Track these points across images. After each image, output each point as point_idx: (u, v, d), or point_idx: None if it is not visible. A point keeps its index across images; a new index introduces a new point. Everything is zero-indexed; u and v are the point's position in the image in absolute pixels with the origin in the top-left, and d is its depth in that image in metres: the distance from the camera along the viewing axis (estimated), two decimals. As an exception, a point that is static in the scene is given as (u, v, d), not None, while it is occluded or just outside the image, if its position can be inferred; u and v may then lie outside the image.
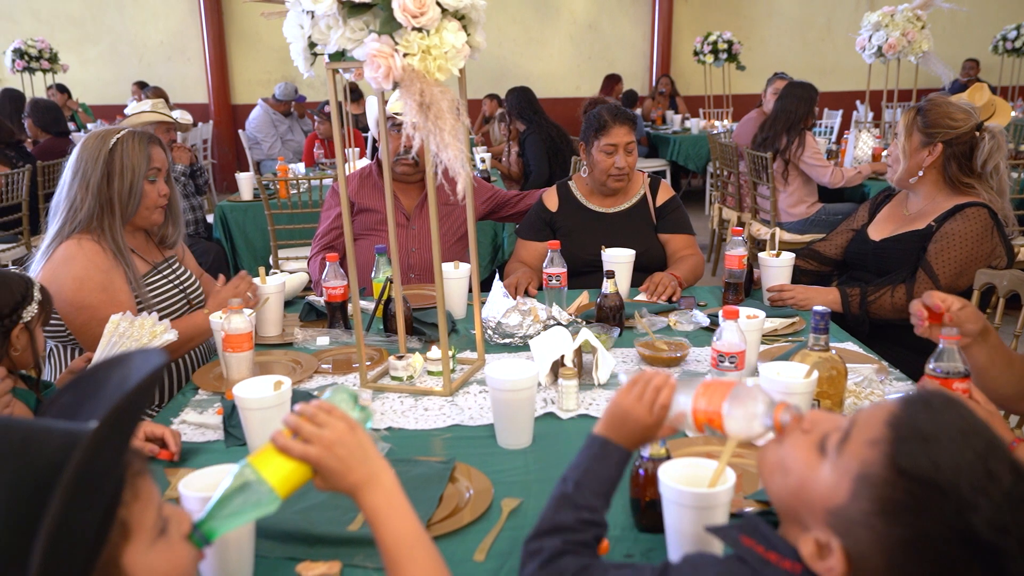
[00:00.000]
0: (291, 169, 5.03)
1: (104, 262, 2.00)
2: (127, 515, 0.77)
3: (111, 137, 2.04)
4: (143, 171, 2.06)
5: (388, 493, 0.96)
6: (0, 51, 8.79)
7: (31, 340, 1.72)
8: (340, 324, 2.22)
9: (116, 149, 2.03)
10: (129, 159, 2.03)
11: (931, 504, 0.78)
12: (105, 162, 2.02)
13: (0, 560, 0.67)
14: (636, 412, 1.07)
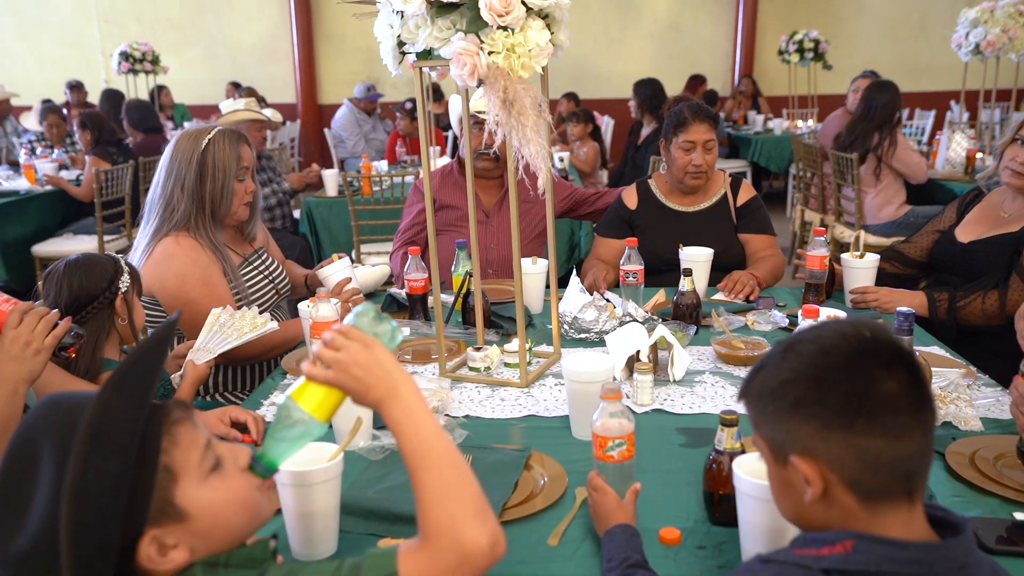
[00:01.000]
0: (374, 167, 5.17)
1: (202, 258, 2.11)
2: (169, 461, 0.86)
3: (203, 138, 2.15)
4: (233, 171, 2.16)
5: (407, 405, 0.95)
6: (107, 54, 9.32)
7: (130, 312, 1.85)
8: (420, 316, 2.28)
9: (208, 150, 2.13)
10: (221, 160, 2.14)
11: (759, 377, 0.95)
12: (199, 163, 2.13)
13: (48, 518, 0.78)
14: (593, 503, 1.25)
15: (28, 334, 1.38)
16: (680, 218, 2.70)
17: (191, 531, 0.87)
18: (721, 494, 1.25)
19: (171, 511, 0.86)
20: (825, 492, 0.90)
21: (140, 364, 0.86)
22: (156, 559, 0.84)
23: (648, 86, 5.70)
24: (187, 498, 0.87)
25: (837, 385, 0.88)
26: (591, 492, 1.25)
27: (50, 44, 9.90)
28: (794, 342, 0.93)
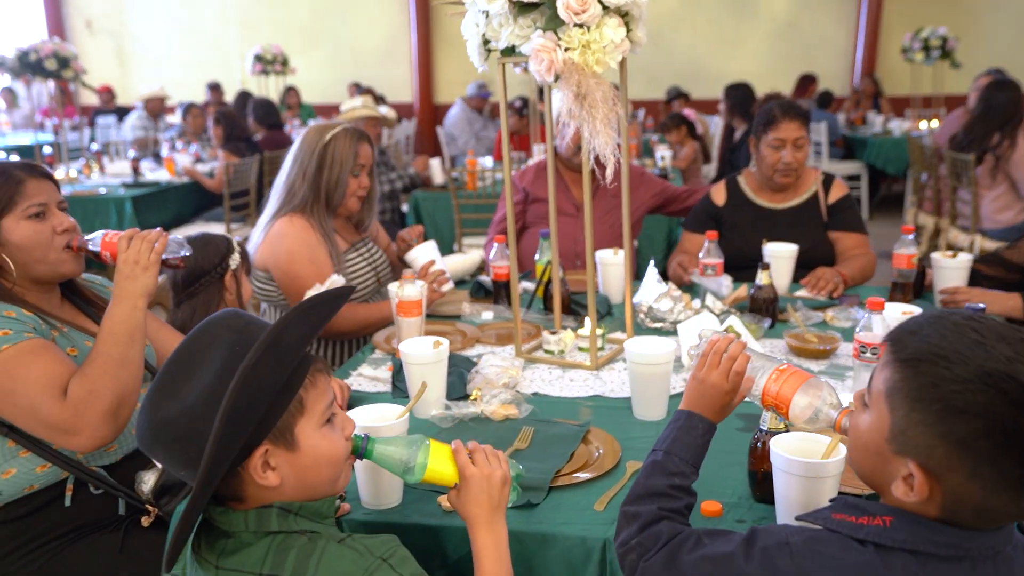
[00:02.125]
0: (479, 162, 5.34)
1: (312, 238, 2.31)
2: (304, 396, 1.01)
3: (328, 132, 2.34)
4: (349, 166, 2.34)
5: (497, 540, 1.11)
6: (244, 57, 9.99)
7: (238, 287, 2.05)
8: (504, 301, 2.39)
9: (330, 144, 2.33)
10: (339, 154, 2.32)
11: (941, 371, 0.84)
12: (319, 154, 2.32)
13: (203, 397, 0.94)
14: (712, 379, 1.16)
15: (136, 254, 1.55)
16: (768, 215, 2.70)
17: (291, 463, 1.01)
18: (764, 472, 1.29)
19: (288, 437, 1.00)
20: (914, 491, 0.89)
21: (320, 303, 1.04)
22: (258, 471, 0.99)
23: (738, 89, 5.63)
24: (303, 433, 1.01)
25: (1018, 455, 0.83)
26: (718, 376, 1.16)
27: (195, 48, 10.68)
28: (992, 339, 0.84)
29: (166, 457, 0.99)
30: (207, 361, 0.96)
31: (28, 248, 1.53)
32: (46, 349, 1.44)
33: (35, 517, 1.46)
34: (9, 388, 1.40)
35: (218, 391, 0.93)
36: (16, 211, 1.52)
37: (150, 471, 1.56)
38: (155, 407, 0.96)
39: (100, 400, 1.42)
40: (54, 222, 1.56)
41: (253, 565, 0.99)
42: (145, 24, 10.78)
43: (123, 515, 1.55)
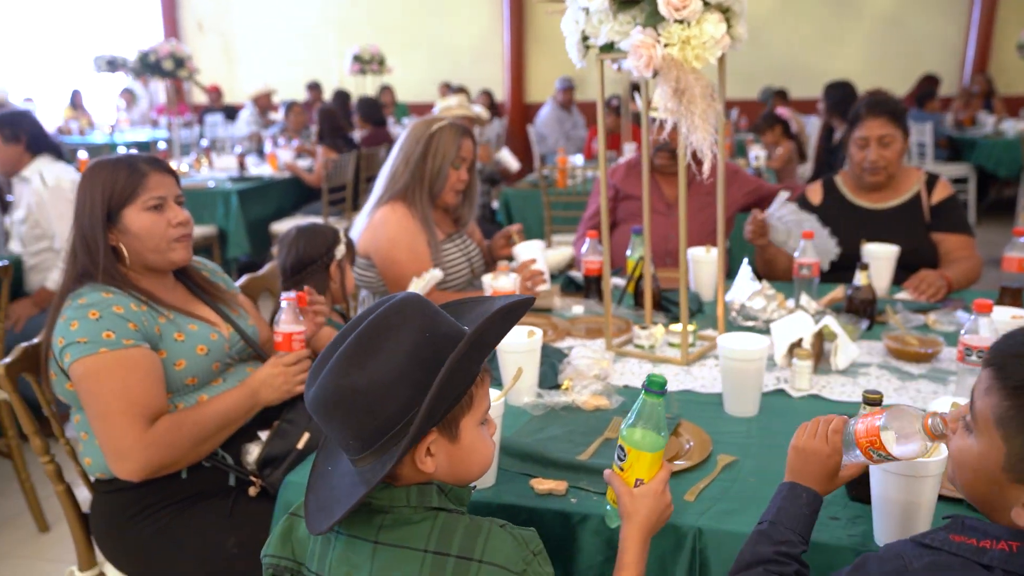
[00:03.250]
0: (569, 160, 5.36)
1: (412, 226, 2.39)
2: (474, 392, 1.06)
3: (435, 124, 2.43)
4: (451, 158, 2.42)
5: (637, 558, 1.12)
6: (342, 56, 10.30)
7: (342, 277, 2.14)
8: (595, 296, 2.42)
9: (436, 135, 2.42)
10: (443, 145, 2.41)
11: None
12: (425, 143, 2.41)
13: (387, 372, 0.98)
14: (811, 445, 1.14)
15: (291, 375, 1.67)
16: (866, 215, 2.63)
17: (449, 453, 1.05)
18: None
19: (453, 429, 1.05)
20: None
21: (518, 306, 1.08)
22: (421, 455, 1.03)
23: (838, 89, 5.45)
24: (466, 427, 1.06)
25: None
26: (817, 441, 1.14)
27: (296, 48, 11.07)
28: None
29: (340, 423, 1.00)
30: (398, 340, 0.99)
31: (144, 238, 1.64)
32: (139, 367, 1.53)
33: (158, 484, 1.58)
34: (95, 390, 1.51)
35: (407, 371, 0.98)
36: (137, 202, 1.63)
37: (254, 444, 1.66)
38: (343, 373, 0.98)
39: (168, 454, 1.53)
40: (170, 215, 1.66)
41: (417, 541, 1.01)
42: (250, 25, 11.25)
43: (232, 486, 1.65)
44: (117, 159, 1.65)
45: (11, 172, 3.26)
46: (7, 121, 3.16)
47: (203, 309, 1.76)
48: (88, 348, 1.51)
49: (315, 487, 1.09)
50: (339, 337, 1.03)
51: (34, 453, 1.74)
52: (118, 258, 1.65)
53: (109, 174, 1.62)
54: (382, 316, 1.01)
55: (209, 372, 1.67)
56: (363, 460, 1.01)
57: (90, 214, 1.62)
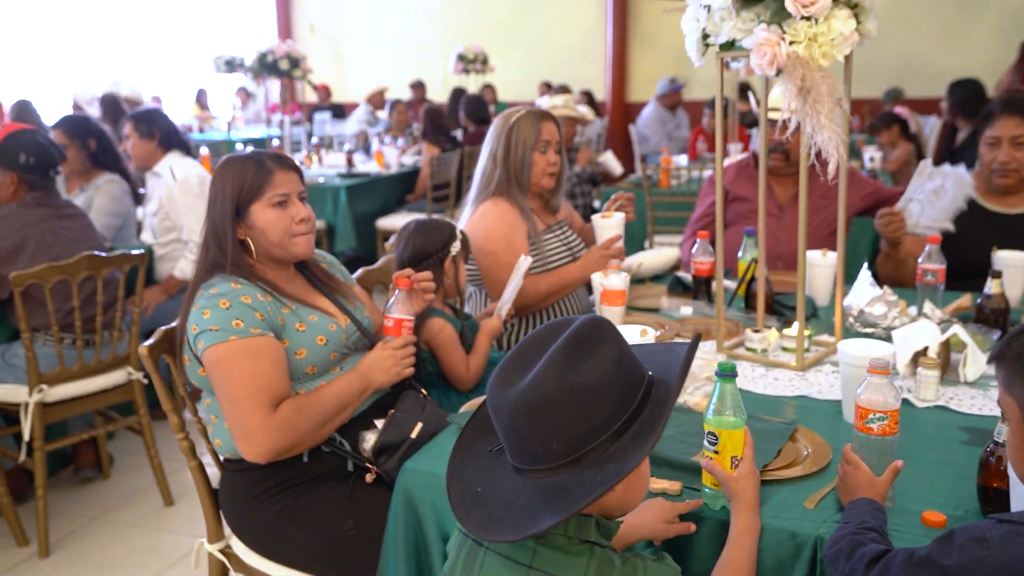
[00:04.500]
0: (673, 160, 5.30)
1: (512, 218, 2.42)
2: None
3: (512, 117, 2.46)
4: (532, 143, 2.44)
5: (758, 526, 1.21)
6: (445, 56, 10.48)
7: (456, 272, 2.19)
8: (704, 297, 2.39)
9: (514, 126, 2.44)
10: (523, 134, 2.43)
11: None
12: (506, 137, 2.44)
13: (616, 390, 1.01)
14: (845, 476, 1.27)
15: (399, 358, 1.73)
16: (998, 220, 2.49)
17: (625, 481, 1.01)
18: (996, 488, 1.22)
19: None
20: None
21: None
22: None
23: (965, 88, 5.15)
24: None
25: None
26: (842, 464, 1.28)
27: (401, 48, 11.34)
28: None
29: (552, 423, 0.98)
30: (606, 348, 1.01)
31: (268, 232, 1.72)
32: (265, 355, 1.61)
33: (281, 466, 1.66)
34: (225, 376, 1.59)
35: (616, 378, 1.01)
36: (263, 198, 1.71)
37: (371, 431, 1.72)
38: (560, 372, 0.99)
39: (291, 437, 1.60)
40: (293, 211, 1.74)
41: (573, 572, 1.01)
42: (358, 28, 11.58)
43: (350, 471, 1.71)
44: (246, 157, 1.74)
45: (145, 167, 3.47)
46: (143, 118, 3.38)
47: (322, 300, 1.83)
48: (219, 336, 1.60)
49: (474, 497, 1.06)
50: (528, 346, 1.05)
51: (162, 432, 1.85)
52: (245, 251, 1.74)
53: (238, 171, 1.71)
54: (587, 325, 1.03)
55: (328, 361, 1.74)
56: (560, 469, 1.00)
57: (220, 209, 1.71)
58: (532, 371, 1.01)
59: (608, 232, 2.46)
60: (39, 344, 2.61)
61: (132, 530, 2.74)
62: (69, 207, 2.82)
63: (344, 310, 1.84)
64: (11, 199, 2.70)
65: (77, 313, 2.58)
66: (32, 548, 2.60)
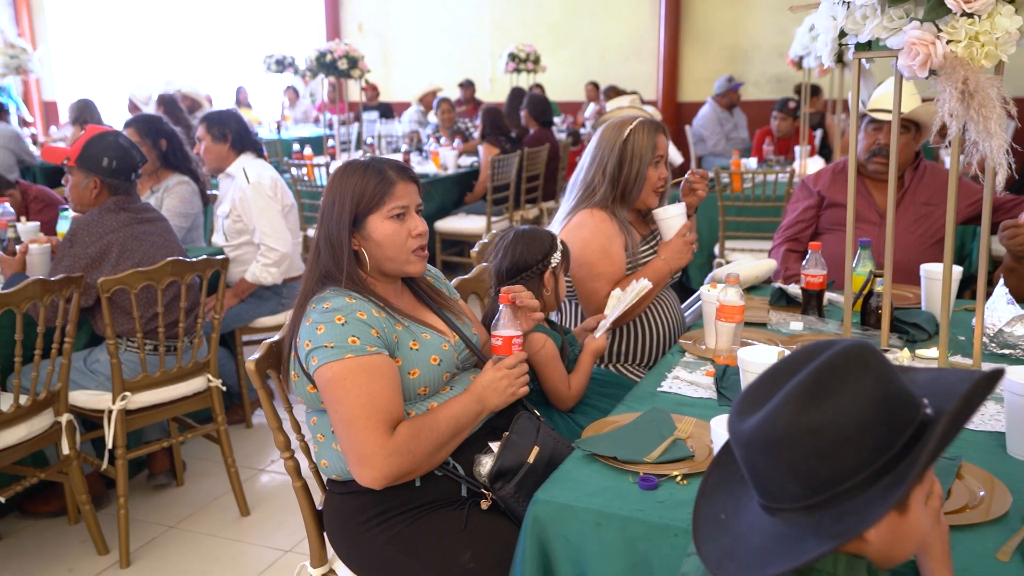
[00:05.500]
0: (743, 163, 5.14)
1: (609, 229, 2.31)
2: None
3: (625, 128, 2.34)
4: (648, 158, 2.32)
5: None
6: (494, 55, 10.40)
7: (556, 284, 2.08)
8: (814, 311, 2.25)
9: (628, 139, 2.32)
10: (638, 147, 2.31)
11: None
12: (619, 151, 2.32)
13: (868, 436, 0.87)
14: None
15: (513, 377, 1.64)
16: None
17: (893, 527, 0.92)
18: None
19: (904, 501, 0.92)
20: None
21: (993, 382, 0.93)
22: None
23: None
24: (915, 499, 0.93)
25: None
26: None
27: (451, 47, 11.28)
28: None
29: (785, 463, 0.90)
30: (860, 385, 0.89)
31: (385, 246, 1.64)
32: (382, 375, 1.52)
33: (392, 491, 1.56)
34: (340, 396, 1.50)
35: (871, 422, 0.87)
36: (383, 210, 1.63)
37: (486, 455, 1.62)
38: (799, 410, 0.88)
39: (408, 462, 1.51)
40: (411, 224, 1.65)
41: None
42: (407, 27, 11.55)
43: (465, 496, 1.62)
44: (367, 165, 1.65)
45: (217, 169, 3.42)
46: (215, 120, 3.32)
47: (431, 317, 1.74)
48: (334, 353, 1.51)
49: (717, 523, 0.99)
50: (775, 373, 0.94)
51: (238, 440, 1.78)
52: (359, 263, 1.66)
53: (359, 179, 1.63)
54: (839, 355, 0.90)
55: (440, 382, 1.65)
56: (797, 512, 0.90)
57: (337, 218, 1.63)
58: (770, 404, 0.90)
59: (677, 221, 2.37)
60: (121, 351, 2.57)
61: (209, 540, 2.68)
62: (148, 211, 2.77)
63: (453, 327, 1.74)
64: (93, 204, 2.66)
65: (161, 319, 2.53)
66: (112, 557, 2.55)
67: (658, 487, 1.38)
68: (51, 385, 2.37)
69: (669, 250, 2.34)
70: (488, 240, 2.68)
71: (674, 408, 1.68)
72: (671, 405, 1.71)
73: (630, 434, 1.53)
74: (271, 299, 3.46)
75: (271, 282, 3.34)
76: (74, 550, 2.61)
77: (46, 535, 2.69)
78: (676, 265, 2.34)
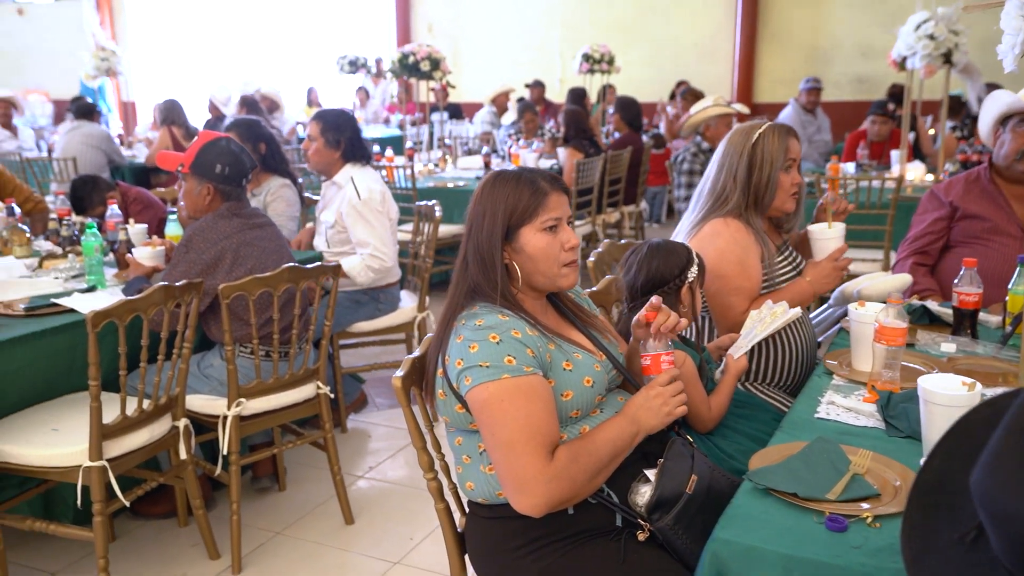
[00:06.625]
0: (842, 168, 4.96)
1: (745, 239, 2.21)
2: None
3: (754, 133, 2.23)
4: (780, 163, 2.21)
5: None
6: (564, 55, 10.32)
7: (692, 300, 1.99)
8: (967, 332, 2.12)
9: (758, 143, 2.22)
10: (769, 152, 2.20)
11: None
12: (748, 156, 2.22)
13: None
14: None
15: (668, 396, 1.54)
16: None
17: None
18: None
19: None
20: None
21: None
22: None
23: None
24: None
25: None
26: None
27: (520, 48, 11.24)
28: None
29: None
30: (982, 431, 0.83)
31: (537, 259, 1.57)
32: (539, 396, 1.46)
33: (543, 518, 1.49)
34: (497, 418, 1.44)
35: None
36: (535, 222, 1.56)
37: (643, 484, 1.54)
38: (958, 473, 0.84)
39: (568, 488, 1.43)
40: (563, 237, 1.58)
41: None
42: (477, 27, 11.54)
43: (620, 526, 1.54)
44: (519, 175, 1.59)
45: (324, 173, 3.40)
46: (332, 125, 3.27)
47: (577, 335, 1.67)
48: (491, 373, 1.45)
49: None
50: None
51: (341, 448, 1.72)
52: (510, 278, 1.60)
53: (512, 190, 1.57)
54: None
55: (591, 404, 1.58)
56: None
57: (489, 230, 1.57)
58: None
59: (832, 244, 2.27)
60: (235, 356, 2.56)
61: (317, 548, 2.66)
62: (258, 216, 2.76)
63: (599, 345, 1.67)
64: (207, 210, 2.66)
65: (276, 325, 2.51)
66: (223, 562, 2.55)
67: (848, 529, 1.28)
68: (170, 390, 2.37)
69: (817, 272, 2.24)
70: (602, 249, 2.60)
71: (837, 437, 1.57)
72: (833, 434, 1.61)
73: (802, 467, 1.44)
74: (368, 304, 3.43)
75: (362, 283, 3.29)
76: (186, 553, 2.61)
77: (158, 537, 2.71)
78: (821, 290, 2.23)
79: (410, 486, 3.04)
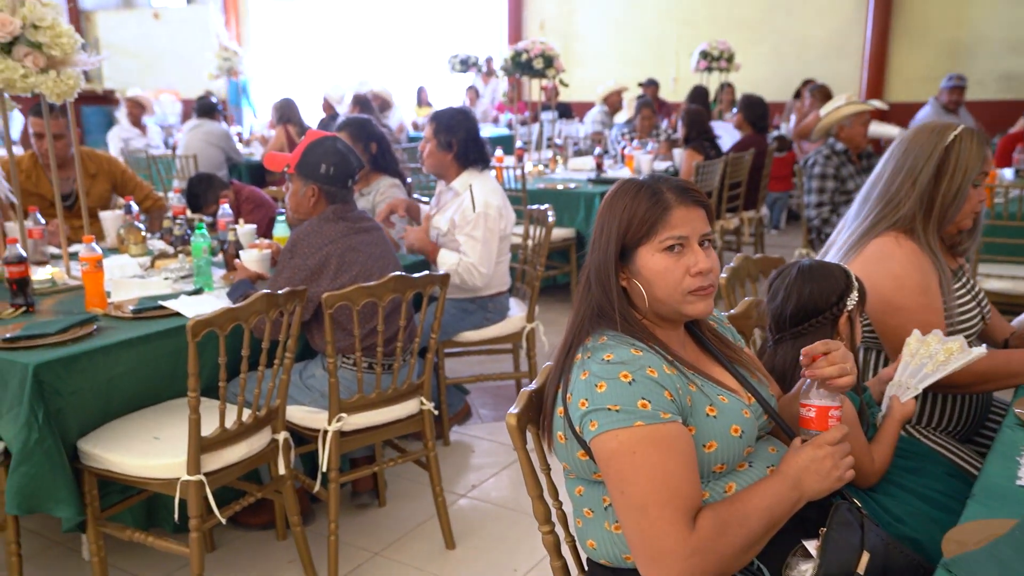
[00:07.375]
0: (999, 174, 4.46)
1: (923, 263, 1.89)
2: None
3: (948, 133, 1.91)
4: (974, 173, 1.89)
5: None
6: (680, 53, 9.93)
7: (851, 331, 1.71)
8: None
9: (953, 147, 1.89)
10: (965, 159, 1.88)
11: None
12: (939, 159, 1.90)
13: None
14: None
15: (838, 458, 1.30)
16: None
17: None
18: None
19: None
20: None
21: None
22: None
23: None
24: None
25: None
26: None
27: (634, 45, 10.91)
28: None
29: None
30: None
31: (654, 283, 1.35)
32: (678, 449, 1.24)
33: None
34: (627, 475, 1.23)
35: None
36: (654, 241, 1.34)
37: (801, 559, 1.30)
38: None
39: (713, 564, 1.21)
40: (689, 260, 1.34)
41: None
42: (590, 24, 11.28)
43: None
44: (642, 184, 1.37)
45: (439, 176, 3.24)
46: (445, 125, 3.10)
47: (721, 372, 1.43)
48: (622, 419, 1.24)
49: None
50: None
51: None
52: (630, 301, 1.38)
53: (629, 202, 1.35)
54: None
55: (739, 457, 1.34)
56: None
57: (603, 248, 1.37)
58: None
59: None
60: (337, 367, 2.44)
61: (415, 573, 2.51)
62: (365, 219, 2.64)
63: (747, 385, 1.43)
64: (312, 212, 2.55)
65: (380, 337, 2.38)
66: (320, 583, 2.44)
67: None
68: (271, 401, 2.27)
69: None
70: (736, 264, 2.33)
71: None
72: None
73: (1017, 559, 1.15)
74: (476, 313, 3.27)
75: (457, 283, 3.09)
76: (283, 569, 2.52)
77: (257, 551, 2.63)
78: None
79: (514, 509, 2.86)
